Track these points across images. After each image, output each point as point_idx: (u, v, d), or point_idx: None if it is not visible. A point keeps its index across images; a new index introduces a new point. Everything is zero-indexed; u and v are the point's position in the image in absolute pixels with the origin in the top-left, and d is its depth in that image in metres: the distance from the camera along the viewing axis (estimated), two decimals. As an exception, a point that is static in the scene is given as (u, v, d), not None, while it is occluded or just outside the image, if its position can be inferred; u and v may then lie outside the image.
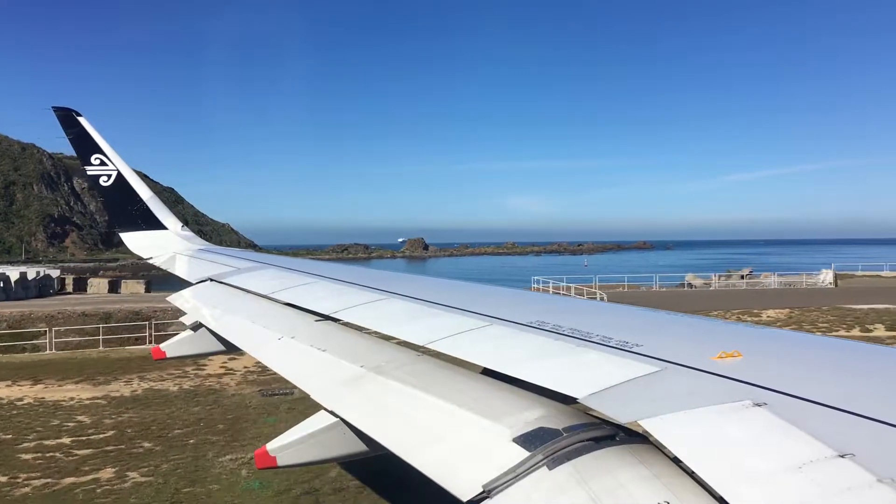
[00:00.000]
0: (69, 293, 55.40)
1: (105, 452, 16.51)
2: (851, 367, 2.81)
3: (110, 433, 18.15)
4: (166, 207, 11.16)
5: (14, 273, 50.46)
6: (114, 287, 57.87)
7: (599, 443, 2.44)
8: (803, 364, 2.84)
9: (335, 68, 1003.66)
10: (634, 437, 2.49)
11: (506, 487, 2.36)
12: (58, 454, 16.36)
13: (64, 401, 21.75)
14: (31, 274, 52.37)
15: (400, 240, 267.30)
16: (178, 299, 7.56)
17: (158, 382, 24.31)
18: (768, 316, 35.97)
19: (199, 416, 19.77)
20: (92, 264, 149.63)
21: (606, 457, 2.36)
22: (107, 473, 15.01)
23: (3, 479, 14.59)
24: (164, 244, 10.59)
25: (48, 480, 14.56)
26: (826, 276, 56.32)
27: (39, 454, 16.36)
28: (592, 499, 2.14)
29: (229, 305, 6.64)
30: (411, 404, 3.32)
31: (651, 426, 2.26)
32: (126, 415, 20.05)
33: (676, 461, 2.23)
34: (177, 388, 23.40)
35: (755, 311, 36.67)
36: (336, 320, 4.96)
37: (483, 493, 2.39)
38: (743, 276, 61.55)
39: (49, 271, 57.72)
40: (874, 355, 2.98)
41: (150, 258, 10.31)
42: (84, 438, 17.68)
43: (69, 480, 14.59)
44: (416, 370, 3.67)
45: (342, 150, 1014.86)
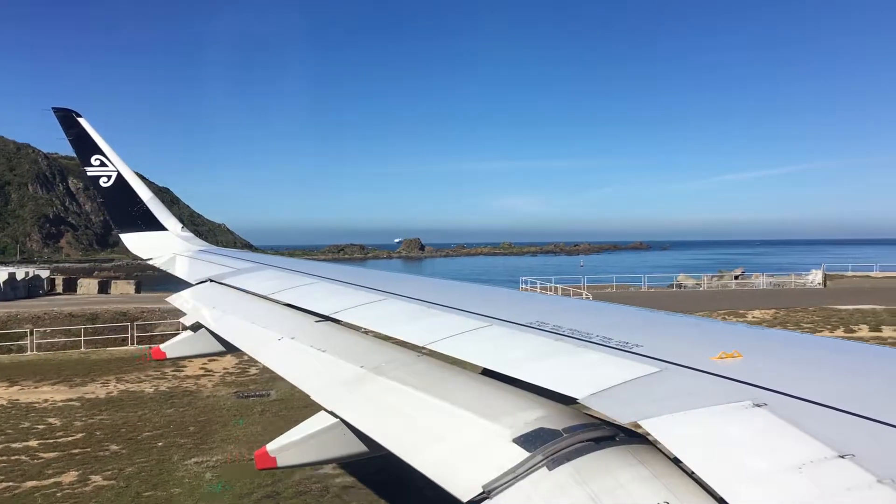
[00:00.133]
0: (59, 294, 55.23)
1: (71, 455, 16.34)
2: (851, 367, 2.82)
3: (79, 436, 17.98)
4: (166, 208, 11.13)
5: (3, 274, 50.29)
6: (103, 288, 57.75)
7: (599, 443, 2.45)
8: (803, 364, 2.85)
9: (332, 68, 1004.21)
10: (634, 437, 2.49)
11: (506, 488, 2.37)
12: (23, 457, 16.20)
13: (37, 403, 21.59)
14: (20, 274, 52.20)
15: (396, 240, 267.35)
16: (178, 300, 7.56)
17: (135, 384, 24.16)
18: (753, 317, 35.80)
19: (171, 419, 19.62)
20: (87, 265, 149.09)
21: (606, 457, 2.36)
22: (69, 477, 14.84)
23: (-37, 482, 14.35)
24: (163, 245, 10.57)
25: (9, 484, 14.39)
26: (815, 277, 56.34)
27: (4, 457, 16.19)
28: (592, 499, 2.15)
29: (229, 306, 6.64)
30: (411, 405, 3.32)
31: (651, 427, 2.26)
32: (98, 417, 19.86)
33: (676, 462, 2.24)
34: (153, 390, 23.26)
35: (741, 311, 36.48)
36: (336, 321, 4.96)
37: (483, 493, 2.39)
38: (737, 277, 61.62)
39: (38, 272, 57.60)
40: (874, 355, 2.99)
41: (150, 259, 10.29)
42: (52, 441, 17.50)
43: (30, 484, 14.41)
44: (416, 371, 3.67)
45: (339, 150, 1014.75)
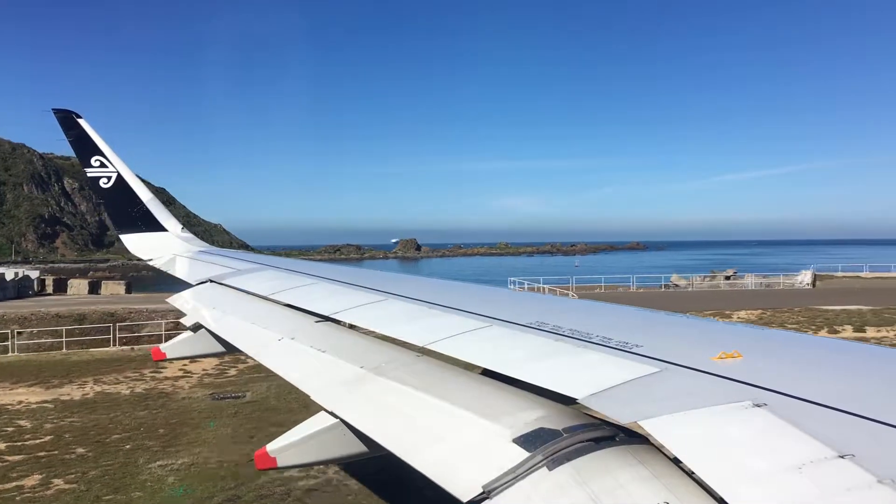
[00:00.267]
0: (49, 294, 54.88)
1: (36, 458, 16.21)
2: (851, 367, 2.83)
3: (47, 438, 17.82)
4: (166, 209, 11.12)
5: (-7, 274, 50.25)
6: (94, 288, 57.38)
7: (599, 443, 2.46)
8: (803, 364, 2.86)
9: (332, 68, 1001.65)
10: (634, 437, 2.50)
11: (506, 488, 2.37)
12: (-13, 460, 15.95)
13: (11, 405, 21.42)
14: (10, 275, 51.97)
15: (393, 240, 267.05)
16: (178, 300, 7.56)
17: (112, 385, 23.99)
18: (739, 317, 35.85)
19: (143, 421, 19.45)
20: (82, 265, 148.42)
21: (606, 457, 2.37)
22: (32, 480, 14.72)
23: (-78, 487, 14.17)
24: (164, 246, 10.56)
25: (-30, 488, 14.15)
26: (804, 277, 56.61)
27: (-31, 461, 15.91)
28: (592, 499, 2.16)
29: (229, 307, 6.64)
30: (411, 405, 3.32)
31: (651, 427, 2.27)
32: (69, 419, 19.69)
33: (676, 462, 2.25)
34: (129, 392, 23.08)
35: (727, 312, 36.54)
36: (336, 321, 4.97)
37: (483, 493, 2.39)
38: (728, 278, 61.74)
39: (29, 272, 57.25)
40: (874, 356, 3.01)
41: (150, 260, 10.28)
42: (19, 444, 17.36)
43: (-9, 487, 14.21)
44: (416, 371, 3.68)
45: (338, 150, 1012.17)
